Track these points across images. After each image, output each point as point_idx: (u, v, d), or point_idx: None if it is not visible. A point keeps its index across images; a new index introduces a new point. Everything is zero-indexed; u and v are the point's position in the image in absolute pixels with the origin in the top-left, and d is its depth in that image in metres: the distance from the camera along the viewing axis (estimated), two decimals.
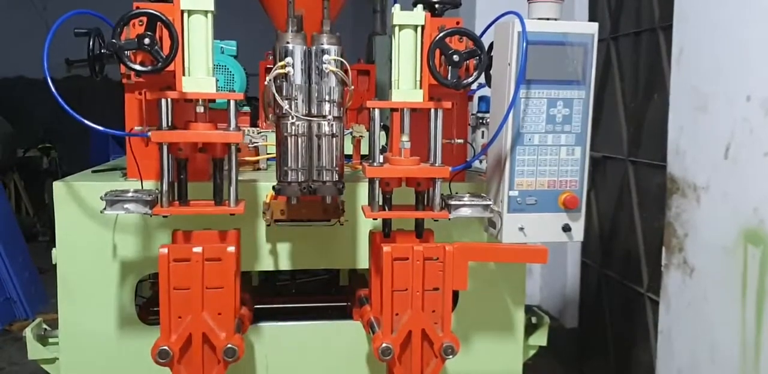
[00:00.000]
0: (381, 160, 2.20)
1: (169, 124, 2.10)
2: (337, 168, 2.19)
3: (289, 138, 2.14)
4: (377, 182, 2.18)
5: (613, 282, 4.29)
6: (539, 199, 2.37)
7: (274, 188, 2.22)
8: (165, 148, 2.07)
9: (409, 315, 2.20)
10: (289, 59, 2.10)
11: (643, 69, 3.88)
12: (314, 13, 2.19)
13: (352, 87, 2.19)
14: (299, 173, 2.17)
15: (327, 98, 2.14)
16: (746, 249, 2.72)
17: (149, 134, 2.08)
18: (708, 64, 2.98)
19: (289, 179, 2.17)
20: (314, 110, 2.15)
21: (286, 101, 2.11)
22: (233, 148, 2.11)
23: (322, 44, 2.13)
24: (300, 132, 2.14)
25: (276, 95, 2.11)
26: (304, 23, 2.17)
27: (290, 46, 2.11)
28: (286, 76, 2.11)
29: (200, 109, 2.12)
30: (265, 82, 2.12)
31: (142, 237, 2.43)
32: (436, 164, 2.20)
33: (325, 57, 2.12)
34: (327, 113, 2.15)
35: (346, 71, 2.14)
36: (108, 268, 2.43)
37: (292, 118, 2.12)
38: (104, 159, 3.20)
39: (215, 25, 2.13)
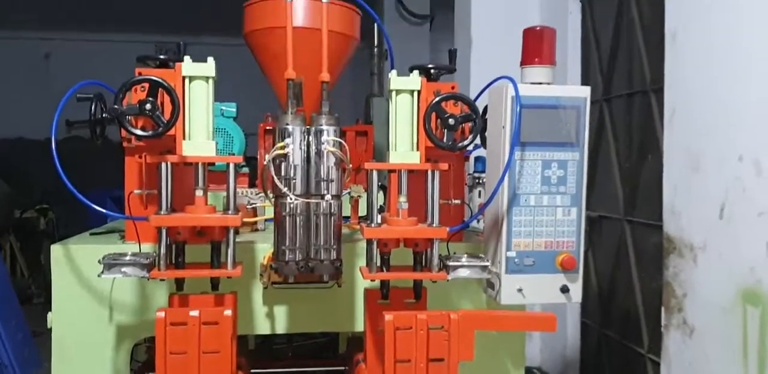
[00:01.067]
0: (379, 220, 2.21)
1: (169, 205, 2.13)
2: (334, 246, 2.19)
3: (287, 218, 2.16)
4: (375, 243, 2.19)
5: (613, 342, 4.25)
6: (537, 260, 2.37)
7: (271, 266, 2.23)
8: (164, 231, 2.10)
9: None
10: (288, 141, 2.14)
11: (636, 130, 3.94)
12: (314, 83, 2.24)
13: (350, 166, 2.23)
14: (297, 252, 2.17)
15: (325, 177, 2.16)
16: (745, 309, 2.71)
17: (149, 217, 2.11)
18: (700, 125, 3.03)
19: (286, 259, 2.17)
20: (312, 189, 2.17)
21: (285, 181, 2.14)
22: (231, 231, 2.13)
23: (321, 125, 2.17)
24: (298, 212, 2.16)
25: (275, 176, 2.14)
26: (304, 90, 2.22)
27: (290, 127, 2.15)
28: (285, 155, 2.14)
29: (199, 192, 2.15)
30: (264, 163, 2.15)
31: (139, 300, 2.42)
32: (434, 225, 2.21)
33: (324, 137, 2.16)
34: (325, 192, 2.17)
35: (344, 150, 2.18)
36: (104, 332, 2.41)
37: (291, 197, 2.15)
38: (102, 220, 3.20)
39: (215, 87, 2.18)
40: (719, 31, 2.92)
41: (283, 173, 2.14)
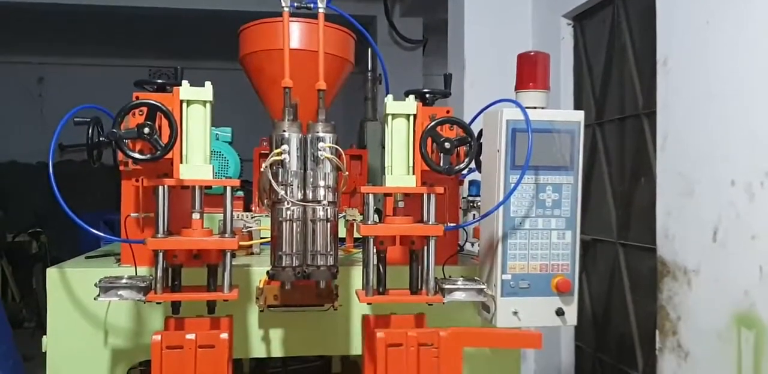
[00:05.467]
0: (375, 219, 2.22)
1: (166, 227, 2.13)
2: (331, 252, 2.19)
3: (284, 223, 2.15)
4: (372, 240, 2.20)
5: (607, 366, 4.24)
6: (532, 283, 2.38)
7: (268, 273, 2.23)
8: (161, 254, 2.10)
9: None
10: (285, 147, 2.13)
11: (629, 154, 3.97)
12: (309, 103, 2.26)
13: (347, 173, 2.23)
14: (293, 257, 2.17)
15: (322, 183, 2.16)
16: (740, 332, 2.71)
17: (146, 240, 2.11)
18: (692, 149, 3.06)
19: (283, 264, 2.16)
20: (309, 195, 2.17)
21: (282, 187, 2.14)
22: (228, 254, 2.13)
23: (318, 132, 2.18)
24: (295, 217, 2.15)
25: (272, 181, 2.14)
26: (299, 112, 2.23)
27: (286, 134, 2.15)
28: (281, 162, 2.14)
29: (196, 216, 2.16)
30: (261, 169, 2.16)
31: (135, 324, 2.41)
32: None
33: (321, 144, 2.16)
34: (322, 198, 2.17)
35: (340, 157, 2.19)
36: (99, 355, 2.39)
37: (288, 203, 2.15)
38: (94, 243, 3.20)
39: (212, 111, 2.19)
40: (710, 56, 2.96)
41: (280, 179, 2.15)
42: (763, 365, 2.60)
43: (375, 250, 2.23)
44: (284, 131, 2.16)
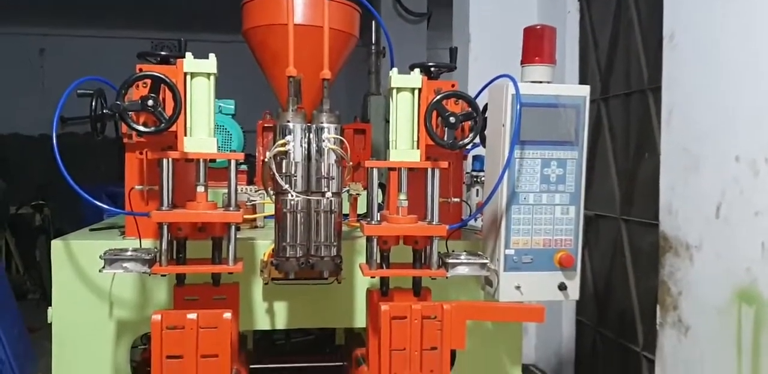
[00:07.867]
0: (378, 218, 2.22)
1: (170, 200, 2.13)
2: (335, 243, 2.19)
3: (287, 214, 2.16)
4: (375, 240, 2.20)
5: (608, 340, 4.27)
6: (535, 257, 2.39)
7: (272, 263, 2.24)
8: (165, 227, 2.10)
9: None
10: (289, 138, 2.14)
11: (634, 129, 3.96)
12: (313, 80, 2.25)
13: (351, 163, 2.23)
14: (297, 248, 2.18)
15: (326, 174, 2.16)
16: (740, 308, 2.73)
17: (151, 213, 2.10)
18: (697, 125, 3.04)
19: (287, 255, 2.17)
20: (313, 186, 2.17)
21: (286, 178, 2.14)
22: (233, 227, 2.14)
23: (322, 122, 2.17)
24: (299, 208, 2.16)
25: (276, 173, 2.14)
26: (303, 88, 2.22)
27: (291, 124, 2.15)
28: (286, 153, 2.14)
29: (201, 189, 2.16)
30: (265, 160, 2.16)
31: (140, 296, 2.43)
32: (434, 223, 2.22)
33: (325, 135, 2.16)
34: (326, 190, 2.17)
35: (344, 148, 2.18)
36: (104, 327, 2.42)
37: (291, 194, 2.15)
38: (98, 216, 3.20)
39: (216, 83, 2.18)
40: (717, 31, 2.94)
41: (284, 170, 2.15)
42: (763, 340, 2.62)
43: (378, 249, 2.23)
44: (288, 121, 2.15)
